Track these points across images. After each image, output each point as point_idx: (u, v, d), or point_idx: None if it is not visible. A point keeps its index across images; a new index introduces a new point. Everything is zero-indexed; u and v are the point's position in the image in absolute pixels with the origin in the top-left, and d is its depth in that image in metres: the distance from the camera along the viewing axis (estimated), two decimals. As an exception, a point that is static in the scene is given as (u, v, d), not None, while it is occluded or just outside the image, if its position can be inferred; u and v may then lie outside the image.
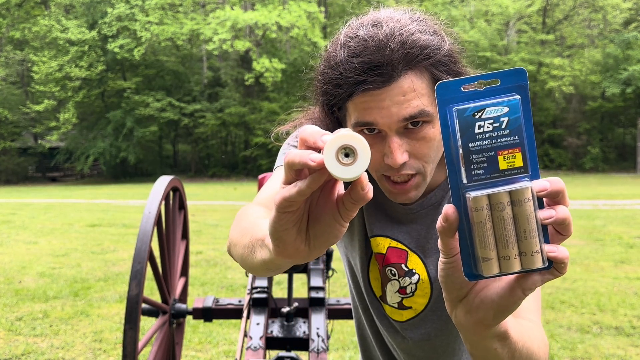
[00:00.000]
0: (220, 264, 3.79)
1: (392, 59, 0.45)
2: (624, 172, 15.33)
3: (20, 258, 4.07)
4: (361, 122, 0.48)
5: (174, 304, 1.43)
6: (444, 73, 0.48)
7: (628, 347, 2.11)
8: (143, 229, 1.21)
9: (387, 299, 0.60)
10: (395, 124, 0.47)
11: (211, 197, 9.98)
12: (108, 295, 2.97)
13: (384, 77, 0.46)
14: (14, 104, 17.87)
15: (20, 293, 3.05)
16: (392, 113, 0.47)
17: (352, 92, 0.47)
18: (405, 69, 0.46)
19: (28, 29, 16.87)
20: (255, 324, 1.22)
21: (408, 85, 0.47)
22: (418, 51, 0.46)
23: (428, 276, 0.58)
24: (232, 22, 14.93)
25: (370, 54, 0.46)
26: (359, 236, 0.60)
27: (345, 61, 0.47)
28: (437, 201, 0.57)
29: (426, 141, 0.49)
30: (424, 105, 0.47)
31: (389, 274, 0.59)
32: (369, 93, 0.47)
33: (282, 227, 0.29)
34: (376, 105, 0.47)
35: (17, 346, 2.18)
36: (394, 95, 0.46)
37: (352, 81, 0.46)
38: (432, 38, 0.48)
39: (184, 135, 18.98)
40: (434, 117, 0.49)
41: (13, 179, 17.38)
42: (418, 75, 0.47)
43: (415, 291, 0.58)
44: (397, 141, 0.48)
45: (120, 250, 4.36)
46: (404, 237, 0.58)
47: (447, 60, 0.48)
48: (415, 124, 0.48)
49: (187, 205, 1.63)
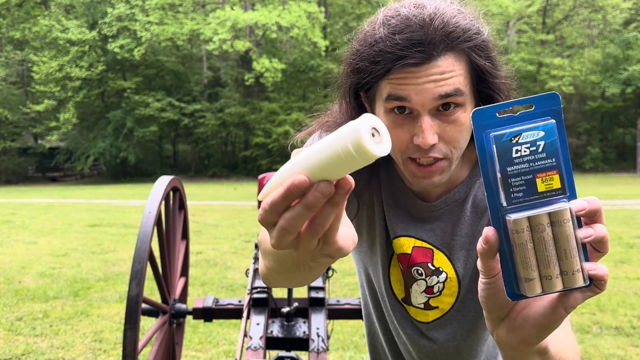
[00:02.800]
0: (220, 264, 3.79)
1: (434, 38, 0.46)
2: (624, 172, 15.32)
3: (20, 258, 4.07)
4: (394, 96, 0.47)
5: (174, 304, 1.43)
6: (482, 58, 0.48)
7: (628, 347, 2.11)
8: (143, 229, 1.21)
9: (411, 301, 0.59)
10: (429, 102, 0.47)
11: (211, 197, 9.97)
12: (108, 295, 2.97)
13: (424, 54, 0.46)
14: (14, 104, 17.87)
15: (20, 293, 3.05)
16: (428, 90, 0.46)
17: (390, 68, 0.46)
18: (445, 50, 0.46)
19: (28, 29, 16.87)
20: (255, 324, 1.22)
21: (447, 65, 0.46)
22: (460, 33, 0.46)
23: (456, 274, 0.57)
24: (232, 22, 14.93)
25: (413, 31, 0.46)
26: (379, 239, 0.59)
27: (385, 37, 0.46)
28: (460, 197, 0.56)
29: (457, 125, 0.48)
30: (460, 85, 0.47)
31: (415, 274, 0.58)
32: (408, 69, 0.46)
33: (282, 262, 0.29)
34: (412, 82, 0.47)
35: (17, 346, 2.18)
36: (432, 73, 0.46)
37: (392, 57, 0.46)
38: (473, 23, 0.48)
39: (184, 135, 18.98)
40: (467, 101, 0.48)
41: (13, 179, 17.38)
42: (457, 57, 0.47)
43: (442, 290, 0.57)
44: (429, 121, 0.47)
45: (120, 250, 4.36)
46: (428, 235, 0.57)
47: (485, 47, 0.48)
48: (447, 107, 0.48)
49: (187, 205, 1.63)
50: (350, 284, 3.12)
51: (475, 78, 0.49)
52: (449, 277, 0.57)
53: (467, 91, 0.48)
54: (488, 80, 0.49)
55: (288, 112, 16.61)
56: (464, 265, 0.57)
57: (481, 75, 0.49)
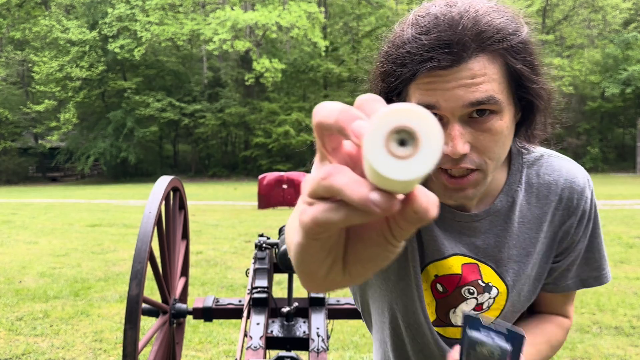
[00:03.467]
0: (220, 263, 3.79)
1: (463, 38, 0.41)
2: (624, 172, 15.31)
3: (20, 258, 4.07)
4: (422, 103, 0.43)
5: (174, 303, 1.43)
6: (518, 61, 0.43)
7: (627, 347, 2.11)
8: (143, 229, 1.20)
9: (452, 320, 0.55)
10: (459, 109, 0.43)
11: (211, 197, 9.97)
12: (108, 295, 2.97)
13: (453, 56, 0.41)
14: (15, 104, 17.87)
15: (20, 293, 3.05)
16: (458, 96, 0.42)
17: (416, 72, 0.42)
18: (477, 51, 0.42)
19: (28, 29, 16.87)
20: (255, 324, 1.22)
21: (478, 68, 0.42)
22: (493, 32, 0.42)
23: (506, 287, 0.54)
24: (232, 22, 14.93)
25: (441, 31, 0.41)
26: (412, 262, 0.52)
27: (412, 38, 0.42)
28: (503, 207, 0.52)
29: (491, 134, 0.44)
30: (494, 91, 0.43)
31: (466, 294, 0.53)
32: (435, 73, 0.42)
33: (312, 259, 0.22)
34: (441, 86, 0.42)
35: (18, 346, 2.19)
36: (462, 77, 0.42)
37: (418, 59, 0.42)
38: (509, 22, 0.43)
39: (184, 136, 18.97)
40: (503, 108, 0.44)
41: (13, 179, 17.38)
42: (490, 59, 0.43)
43: (491, 305, 0.54)
44: (459, 129, 0.43)
45: (120, 250, 4.36)
46: (470, 248, 0.53)
47: (522, 49, 0.43)
48: (481, 114, 0.43)
49: (187, 205, 1.63)
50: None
51: (514, 83, 0.45)
52: (500, 292, 0.54)
53: (503, 97, 0.44)
54: (527, 85, 0.45)
55: (288, 112, 16.60)
56: (514, 278, 0.53)
57: (519, 79, 0.44)
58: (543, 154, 0.56)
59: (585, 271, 0.57)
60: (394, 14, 15.23)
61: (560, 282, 0.57)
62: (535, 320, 0.60)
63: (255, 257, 1.42)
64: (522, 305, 0.57)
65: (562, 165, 0.55)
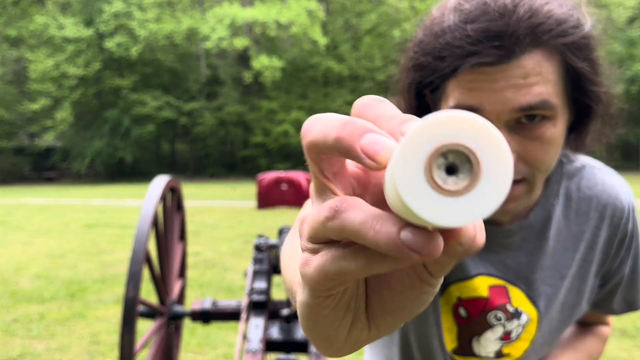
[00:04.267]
0: (218, 265, 3.76)
1: (517, 30, 0.35)
2: (627, 171, 15.37)
3: (16, 259, 4.03)
4: (462, 106, 0.37)
5: (172, 306, 1.41)
6: (579, 59, 0.37)
7: (632, 349, 2.10)
8: (140, 229, 1.18)
9: (476, 350, 0.48)
10: (507, 113, 0.37)
11: (209, 197, 9.93)
12: (105, 297, 2.94)
13: (503, 50, 0.35)
14: (10, 103, 17.75)
15: (16, 294, 3.01)
16: (506, 98, 0.36)
17: (457, 67, 0.36)
18: (531, 46, 0.36)
19: (24, 27, 16.73)
20: (254, 326, 1.19)
21: (532, 66, 0.36)
22: (552, 25, 0.36)
23: (538, 313, 0.47)
24: (230, 19, 14.88)
25: (490, 20, 0.35)
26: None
27: (455, 27, 0.36)
28: (538, 222, 0.46)
29: (542, 143, 0.38)
30: (549, 94, 0.37)
31: (492, 320, 0.47)
32: (481, 70, 0.36)
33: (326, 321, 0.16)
34: (487, 86, 0.36)
35: (13, 348, 2.15)
36: (512, 76, 0.36)
37: (461, 52, 0.36)
38: (572, 13, 0.37)
39: (182, 135, 18.91)
40: (557, 113, 0.38)
41: (9, 178, 17.27)
42: (546, 56, 0.36)
43: (520, 334, 0.47)
44: (505, 136, 0.37)
45: (117, 251, 4.33)
46: (498, 268, 0.46)
47: (584, 45, 0.37)
48: (531, 119, 0.37)
49: (184, 205, 1.60)
50: (350, 284, 3.11)
51: (571, 85, 0.38)
52: (530, 319, 0.47)
53: (559, 101, 0.38)
54: (586, 87, 0.38)
55: (287, 111, 16.57)
56: (546, 303, 0.47)
57: (578, 80, 0.38)
58: (585, 164, 0.49)
59: (632, 294, 0.51)
60: (395, 12, 15.21)
61: (604, 305, 0.52)
62: (577, 334, 0.56)
63: (254, 259, 1.40)
64: (553, 337, 0.50)
65: (605, 179, 0.49)
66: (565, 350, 0.53)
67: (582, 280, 0.49)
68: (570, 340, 0.55)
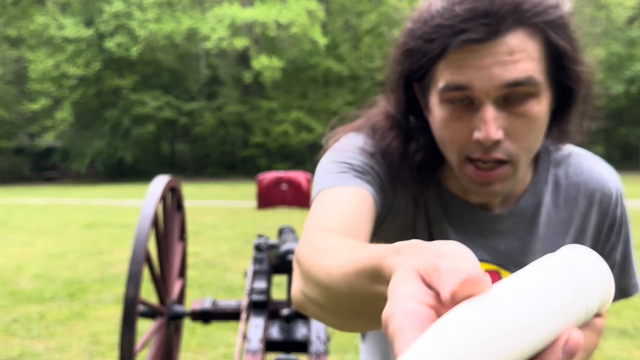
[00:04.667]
0: (218, 265, 3.76)
1: (501, 8, 0.37)
2: (628, 171, 15.34)
3: (15, 259, 4.03)
4: (452, 85, 0.39)
5: (172, 306, 1.41)
6: (559, 37, 0.39)
7: (632, 349, 2.10)
8: (140, 229, 1.18)
9: None
10: (494, 89, 0.39)
11: (209, 197, 9.94)
12: (105, 297, 2.94)
13: (490, 28, 0.38)
14: (10, 102, 17.75)
15: (15, 294, 3.01)
16: (494, 75, 0.38)
17: (447, 46, 0.38)
18: (515, 24, 0.38)
19: (24, 27, 16.74)
20: (254, 326, 1.20)
21: (517, 43, 0.38)
22: (533, 4, 0.38)
23: None
24: (230, 19, 14.88)
25: (476, 1, 0.38)
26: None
27: (444, 10, 0.39)
28: (528, 208, 0.48)
29: (527, 120, 0.40)
30: (534, 71, 0.39)
31: None
32: (469, 47, 0.38)
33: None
34: (475, 63, 0.38)
35: (13, 348, 2.15)
36: (499, 52, 0.38)
37: (450, 32, 0.38)
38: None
39: (182, 135, 18.91)
40: (542, 91, 0.40)
41: (8, 178, 17.26)
42: (530, 35, 0.39)
43: None
44: (493, 112, 0.39)
45: (117, 251, 4.33)
46: (492, 253, 0.48)
47: (564, 24, 0.40)
48: (517, 97, 0.39)
49: (184, 205, 1.60)
50: (349, 284, 3.11)
51: (553, 64, 0.40)
52: None
53: (542, 79, 0.39)
54: (567, 66, 0.40)
55: (287, 111, 16.56)
56: None
57: (559, 59, 0.40)
58: (572, 152, 0.52)
59: (624, 280, 0.53)
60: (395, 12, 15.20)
61: None
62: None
63: (254, 259, 1.40)
64: None
65: (593, 166, 0.51)
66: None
67: None
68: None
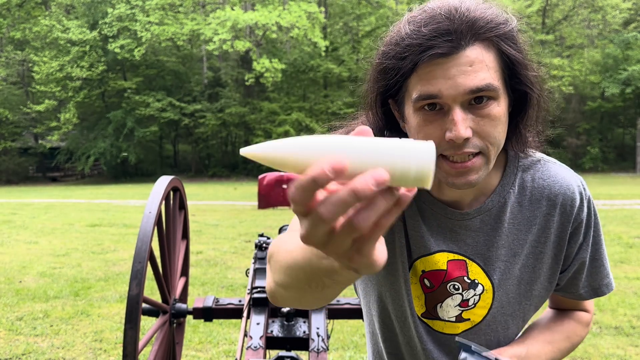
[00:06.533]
0: (220, 263, 3.79)
1: (460, 27, 0.45)
2: (624, 172, 15.31)
3: (20, 258, 4.07)
4: (424, 95, 0.46)
5: (174, 303, 1.43)
6: (511, 48, 0.47)
7: (627, 347, 2.11)
8: (143, 228, 1.20)
9: (438, 315, 0.57)
10: (460, 95, 0.45)
11: (211, 197, 9.98)
12: (108, 295, 2.97)
13: (452, 43, 0.45)
14: (15, 104, 17.88)
15: (20, 293, 3.05)
16: (458, 83, 0.45)
17: (417, 61, 0.45)
18: (472, 39, 0.45)
19: (29, 29, 16.88)
20: (255, 324, 1.21)
21: (476, 55, 0.45)
22: (485, 22, 0.46)
23: (492, 285, 0.55)
24: (232, 22, 14.94)
25: (439, 22, 0.45)
26: (400, 258, 0.56)
27: (412, 32, 0.46)
28: (495, 207, 0.54)
29: (491, 119, 0.46)
30: (492, 79, 0.46)
31: (451, 290, 0.55)
32: (436, 61, 0.45)
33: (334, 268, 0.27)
34: (442, 74, 0.45)
35: (18, 346, 2.19)
36: (461, 64, 0.45)
37: (419, 49, 0.45)
38: (499, 13, 0.47)
39: (184, 135, 18.98)
40: (500, 95, 0.47)
41: (14, 179, 17.39)
42: (485, 47, 0.46)
43: (477, 302, 0.56)
44: (461, 114, 0.46)
45: (120, 250, 4.36)
46: (460, 246, 0.55)
47: (513, 37, 0.47)
48: (480, 101, 0.46)
49: (187, 205, 1.63)
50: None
51: (507, 72, 0.48)
52: (485, 289, 0.55)
53: (500, 85, 0.47)
54: (520, 72, 0.48)
55: (288, 112, 16.59)
56: (500, 277, 0.55)
57: (512, 67, 0.47)
58: (541, 159, 0.57)
59: (597, 280, 0.58)
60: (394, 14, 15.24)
61: (571, 290, 0.59)
62: (554, 317, 0.62)
63: (256, 257, 1.42)
64: (513, 309, 0.57)
65: (558, 172, 0.56)
66: (542, 332, 0.59)
67: (537, 259, 0.56)
68: (547, 323, 0.61)
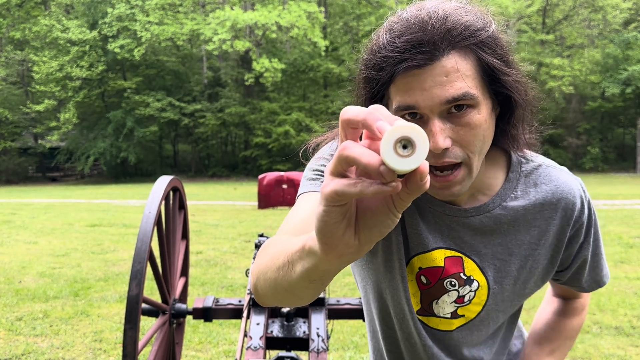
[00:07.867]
0: (220, 263, 3.79)
1: (434, 37, 0.44)
2: (624, 172, 15.33)
3: (20, 258, 4.07)
4: (402, 106, 0.46)
5: (174, 304, 1.43)
6: (489, 55, 0.45)
7: (628, 347, 2.11)
8: (143, 229, 1.20)
9: (434, 312, 0.57)
10: (437, 106, 0.45)
11: (211, 197, 9.98)
12: (108, 295, 2.97)
13: (426, 55, 0.44)
14: (15, 104, 17.88)
15: (20, 293, 3.05)
16: (434, 95, 0.44)
17: (393, 73, 0.45)
18: (448, 48, 0.44)
19: (28, 29, 16.88)
20: (255, 324, 1.21)
21: (451, 65, 0.44)
22: (461, 29, 0.44)
23: (486, 281, 0.56)
24: (232, 22, 14.93)
25: (412, 32, 0.44)
26: (397, 255, 0.56)
27: (387, 43, 0.45)
28: (495, 209, 0.54)
29: (470, 128, 0.46)
30: (469, 87, 0.45)
31: (448, 286, 0.56)
32: (411, 73, 0.45)
33: (331, 220, 0.28)
34: (418, 85, 0.45)
35: (18, 346, 2.19)
36: (436, 75, 0.44)
37: (394, 61, 0.44)
38: (476, 19, 0.46)
39: (184, 135, 18.98)
40: (480, 102, 0.46)
41: (13, 179, 17.38)
42: (462, 56, 0.45)
43: (472, 299, 0.56)
44: (439, 125, 0.45)
45: (120, 250, 4.36)
46: (456, 242, 0.55)
47: (492, 42, 0.46)
48: (459, 109, 0.45)
49: (187, 205, 1.63)
50: (350, 284, 3.12)
51: (487, 78, 0.47)
52: (480, 285, 0.56)
53: (479, 92, 0.46)
54: (500, 78, 0.46)
55: (288, 112, 16.59)
56: (495, 274, 0.56)
57: (492, 72, 0.46)
58: (541, 164, 0.57)
59: (597, 273, 0.61)
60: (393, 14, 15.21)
61: (575, 284, 0.61)
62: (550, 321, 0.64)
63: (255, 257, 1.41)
64: (506, 305, 0.58)
65: (559, 177, 0.57)
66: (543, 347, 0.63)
67: (534, 260, 0.57)
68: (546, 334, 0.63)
